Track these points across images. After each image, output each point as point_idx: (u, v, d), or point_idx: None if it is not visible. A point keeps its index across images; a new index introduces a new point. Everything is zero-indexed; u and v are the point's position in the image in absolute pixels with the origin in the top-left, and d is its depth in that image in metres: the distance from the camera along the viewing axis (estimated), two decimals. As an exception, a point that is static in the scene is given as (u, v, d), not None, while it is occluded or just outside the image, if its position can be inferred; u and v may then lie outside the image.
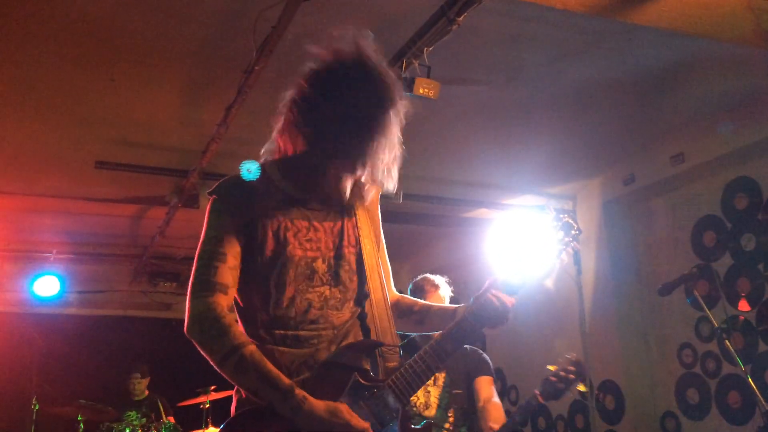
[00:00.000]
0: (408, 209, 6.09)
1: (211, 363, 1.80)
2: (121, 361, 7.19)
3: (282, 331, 1.87)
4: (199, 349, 1.81)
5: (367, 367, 1.89)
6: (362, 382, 1.84)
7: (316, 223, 1.94)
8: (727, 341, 3.50)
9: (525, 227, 6.16)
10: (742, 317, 4.89)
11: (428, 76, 3.39)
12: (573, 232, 2.18)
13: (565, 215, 2.20)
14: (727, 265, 5.05)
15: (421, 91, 3.34)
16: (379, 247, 2.11)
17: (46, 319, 7.62)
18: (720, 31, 3.66)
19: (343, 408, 1.75)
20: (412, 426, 1.87)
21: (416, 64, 3.38)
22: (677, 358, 5.40)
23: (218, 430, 1.83)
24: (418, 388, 1.89)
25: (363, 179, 1.95)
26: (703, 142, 5.00)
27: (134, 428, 6.08)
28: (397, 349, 1.95)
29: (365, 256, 2.00)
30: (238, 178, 1.96)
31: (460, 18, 3.06)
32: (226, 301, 1.83)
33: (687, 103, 4.62)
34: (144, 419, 6.38)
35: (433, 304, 2.22)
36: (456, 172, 5.74)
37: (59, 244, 7.17)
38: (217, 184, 1.95)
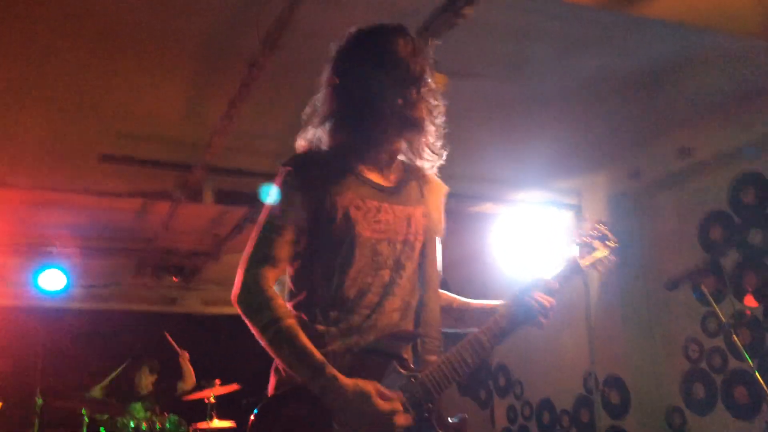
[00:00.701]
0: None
1: (254, 334, 1.83)
2: (126, 356, 7.20)
3: (336, 313, 1.87)
4: (244, 319, 1.84)
5: (407, 356, 1.90)
6: (400, 370, 1.85)
7: (386, 205, 1.96)
8: (734, 336, 3.47)
9: (531, 224, 6.17)
10: (749, 312, 4.87)
11: (434, 70, 3.36)
12: (608, 242, 2.18)
13: (603, 225, 2.18)
14: (735, 260, 5.02)
15: (427, 84, 3.32)
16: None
17: (50, 313, 7.64)
18: (728, 24, 3.63)
19: (372, 389, 1.75)
20: (449, 419, 1.87)
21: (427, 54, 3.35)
22: (683, 353, 5.38)
23: (253, 414, 1.83)
24: (455, 381, 1.89)
25: (416, 151, 2.04)
26: (711, 135, 4.97)
27: (138, 422, 6.10)
28: (439, 342, 1.96)
29: (428, 247, 2.02)
30: (311, 153, 2.00)
31: (467, 11, 3.04)
32: (273, 273, 1.87)
33: (694, 97, 4.58)
34: (148, 413, 6.39)
35: (471, 301, 2.23)
36: (461, 167, 5.69)
37: (64, 238, 7.17)
38: (292, 156, 1.98)
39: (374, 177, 1.99)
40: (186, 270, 7.95)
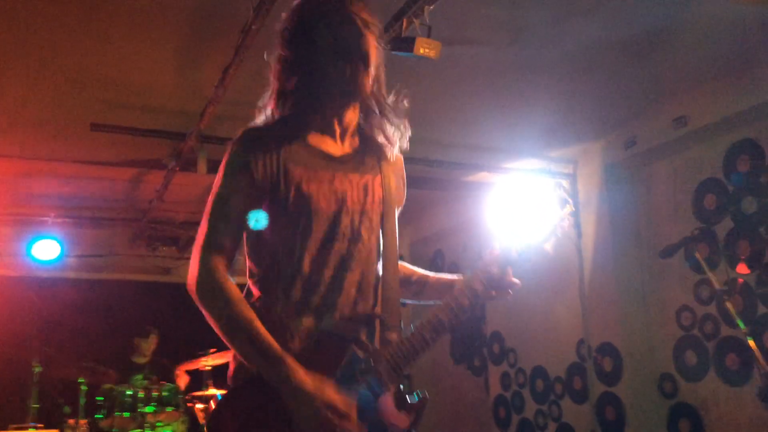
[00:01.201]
0: (408, 173, 6.05)
1: (210, 323, 1.80)
2: (122, 325, 7.22)
3: (297, 291, 1.83)
4: (199, 307, 1.81)
5: (364, 338, 1.87)
6: (359, 353, 1.81)
7: (340, 174, 1.91)
8: (727, 303, 3.50)
9: (525, 192, 6.16)
10: (741, 280, 4.90)
11: (429, 36, 3.33)
12: (567, 206, 2.16)
13: (561, 189, 2.16)
14: (728, 228, 5.04)
15: (421, 51, 3.29)
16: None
17: (45, 283, 7.63)
18: (725, -10, 3.60)
19: (328, 388, 1.72)
20: (408, 399, 1.83)
21: (417, 24, 3.32)
22: (676, 321, 5.43)
23: (215, 401, 1.82)
24: (414, 361, 1.85)
25: (373, 127, 1.99)
26: (706, 104, 4.95)
27: (136, 390, 6.15)
28: (399, 319, 1.91)
29: (386, 219, 1.98)
30: (260, 127, 1.94)
31: (462, -24, 2.99)
32: (226, 261, 1.83)
33: (690, 65, 4.56)
34: (146, 381, 6.43)
35: (430, 274, 2.19)
36: (456, 135, 5.70)
37: (57, 208, 7.14)
38: (240, 131, 1.91)
39: (326, 146, 1.94)
40: (180, 240, 7.95)
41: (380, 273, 1.96)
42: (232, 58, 3.79)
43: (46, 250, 7.20)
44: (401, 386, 1.84)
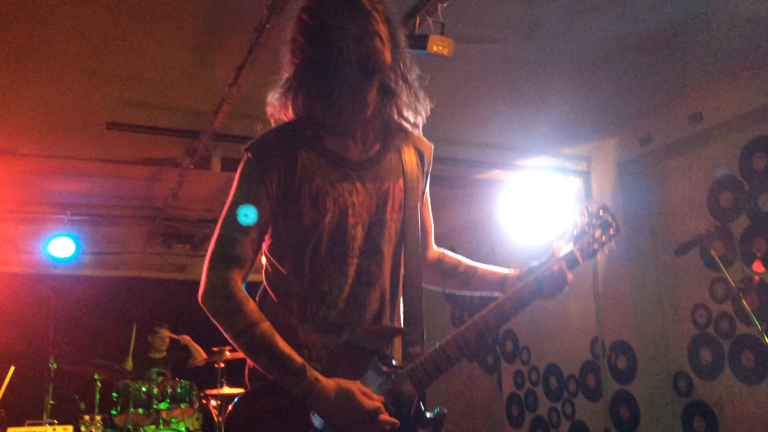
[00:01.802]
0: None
1: (226, 337, 1.76)
2: (137, 322, 7.26)
3: (312, 307, 1.81)
4: (213, 321, 1.77)
5: (388, 352, 1.84)
6: (381, 367, 1.79)
7: (359, 185, 1.84)
8: (743, 301, 3.48)
9: (539, 191, 6.15)
10: (757, 278, 4.86)
11: (442, 34, 3.33)
12: (611, 231, 2.10)
13: (606, 213, 2.11)
14: (744, 225, 5.00)
15: (434, 48, 3.28)
16: (422, 207, 2.04)
17: (61, 280, 7.70)
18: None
19: (355, 388, 1.70)
20: (427, 415, 1.81)
21: (430, 21, 3.32)
22: (691, 319, 5.40)
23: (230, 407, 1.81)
24: (437, 377, 1.82)
25: (396, 113, 1.91)
26: (722, 100, 4.91)
27: (150, 387, 6.20)
28: (422, 332, 1.88)
29: (408, 226, 1.91)
30: (275, 134, 1.86)
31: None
32: (241, 275, 1.77)
33: (706, 61, 4.52)
34: (160, 378, 6.48)
35: (478, 265, 2.13)
36: (470, 133, 5.69)
37: (73, 206, 7.21)
38: (254, 139, 1.85)
39: (346, 150, 1.86)
40: (195, 238, 7.99)
41: (403, 286, 1.92)
42: (246, 56, 3.80)
43: (62, 247, 7.26)
44: (421, 402, 1.81)
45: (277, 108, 1.92)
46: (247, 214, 1.78)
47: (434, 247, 2.17)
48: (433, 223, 2.15)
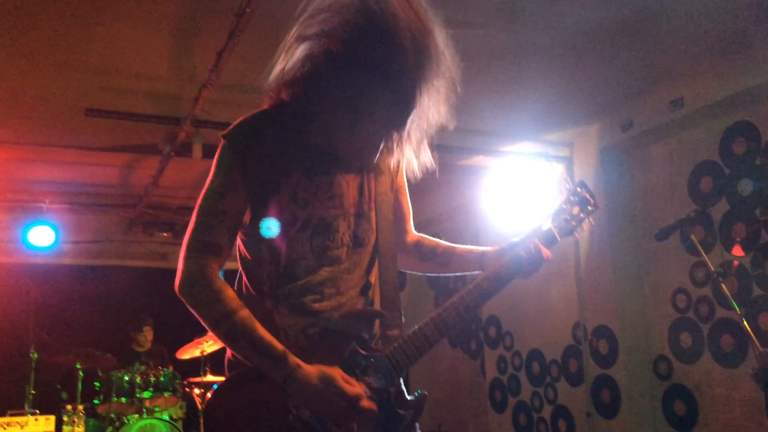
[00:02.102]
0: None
1: (204, 325, 1.75)
2: (119, 311, 7.23)
3: (287, 289, 1.80)
4: (191, 310, 1.75)
5: (366, 335, 1.84)
6: (360, 351, 1.79)
7: (338, 178, 1.84)
8: (723, 285, 3.51)
9: (521, 176, 6.17)
10: (736, 262, 4.92)
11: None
12: (589, 208, 2.10)
13: (583, 189, 2.11)
14: (724, 210, 5.05)
15: (417, 34, 3.26)
16: (399, 194, 2.04)
17: (41, 269, 7.64)
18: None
19: (337, 374, 1.70)
20: (408, 397, 1.82)
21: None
22: (671, 303, 5.45)
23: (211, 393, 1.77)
24: (416, 360, 1.83)
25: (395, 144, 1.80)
26: (703, 86, 4.94)
27: (133, 376, 6.16)
28: (400, 316, 1.89)
29: (380, 213, 1.91)
30: (254, 121, 1.81)
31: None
32: (218, 262, 1.75)
33: (686, 46, 4.54)
34: (143, 367, 6.45)
35: (456, 245, 2.14)
36: (452, 119, 5.67)
37: (52, 194, 7.12)
38: (232, 126, 1.80)
39: (328, 141, 1.82)
40: (177, 226, 7.94)
41: (380, 272, 1.92)
42: (226, 41, 3.77)
43: (42, 236, 7.18)
44: (401, 383, 1.82)
45: (275, 85, 1.80)
46: (224, 202, 1.75)
47: (413, 231, 2.17)
48: (411, 209, 2.15)
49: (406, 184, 2.11)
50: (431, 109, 1.79)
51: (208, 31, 4.03)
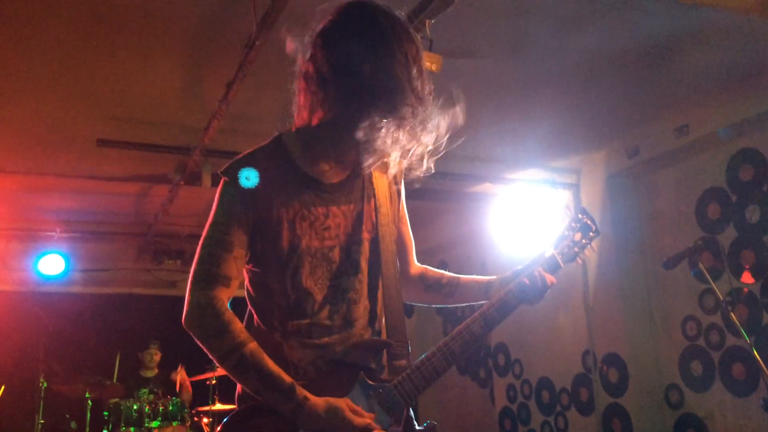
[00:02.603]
0: (411, 184, 6.07)
1: (211, 358, 1.74)
2: (128, 339, 7.23)
3: (296, 323, 1.81)
4: (198, 343, 1.75)
5: (374, 366, 1.85)
6: (368, 381, 1.80)
7: (334, 208, 1.85)
8: (731, 313, 3.50)
9: (529, 204, 6.18)
10: (746, 289, 4.89)
11: (430, 50, 3.35)
12: (591, 234, 2.10)
13: (584, 216, 2.13)
14: (732, 237, 5.04)
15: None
16: (401, 224, 2.05)
17: (51, 298, 7.66)
18: (725, 1, 3.61)
19: (344, 405, 1.71)
20: (416, 427, 1.82)
21: (418, 37, 3.34)
22: (681, 331, 5.42)
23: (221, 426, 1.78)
24: (424, 390, 1.83)
25: (392, 153, 1.81)
26: (708, 113, 4.96)
27: (142, 404, 6.15)
28: (406, 346, 1.89)
29: (382, 242, 1.92)
30: (251, 159, 1.84)
31: (463, -10, 3.02)
32: (227, 294, 1.76)
33: (692, 75, 4.57)
34: (152, 396, 6.44)
35: (461, 276, 2.14)
36: (459, 147, 5.68)
37: (63, 223, 7.18)
38: (229, 163, 1.83)
39: (321, 174, 1.85)
40: (186, 253, 7.98)
41: (384, 302, 1.92)
42: (236, 73, 3.82)
43: (52, 265, 7.23)
44: (410, 413, 1.82)
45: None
46: (229, 233, 1.77)
47: (416, 263, 2.17)
48: (413, 240, 2.15)
49: (407, 216, 2.12)
50: (424, 125, 1.82)
51: (218, 62, 4.10)
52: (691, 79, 4.65)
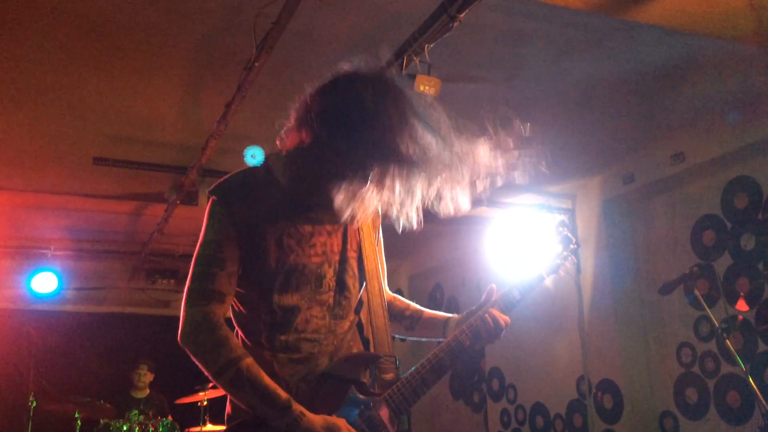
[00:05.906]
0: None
1: (206, 375, 1.75)
2: (120, 358, 7.17)
3: (284, 338, 1.82)
4: (194, 359, 1.75)
5: (365, 380, 1.87)
6: (359, 395, 1.82)
7: (319, 227, 1.88)
8: (726, 341, 3.49)
9: (524, 228, 6.20)
10: (741, 317, 4.89)
11: (429, 73, 3.37)
12: (571, 246, 2.16)
13: (565, 228, 2.17)
14: (727, 264, 5.04)
15: (421, 88, 3.33)
16: (379, 250, 2.08)
17: (43, 316, 7.61)
18: (721, 29, 3.65)
19: (342, 424, 1.72)
20: None
21: (417, 61, 3.36)
22: (676, 358, 5.40)
23: None
24: (414, 402, 1.86)
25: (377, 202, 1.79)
26: (704, 141, 4.99)
27: (132, 425, 6.08)
28: (394, 360, 1.92)
29: (366, 261, 1.96)
30: (239, 178, 1.89)
31: (461, 15, 3.04)
32: (222, 310, 1.78)
33: (687, 102, 4.61)
34: (141, 416, 6.37)
35: (425, 310, 2.18)
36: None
37: (57, 241, 7.16)
38: (217, 183, 1.88)
39: (307, 195, 1.85)
40: (180, 273, 7.94)
41: (369, 316, 1.96)
42: (235, 93, 3.83)
43: (45, 283, 7.19)
44: (401, 429, 1.84)
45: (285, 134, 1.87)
46: (221, 250, 1.80)
47: (387, 290, 2.17)
48: (386, 268, 2.15)
49: (382, 243, 2.13)
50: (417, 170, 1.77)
51: (217, 82, 4.11)
52: (686, 107, 4.68)
